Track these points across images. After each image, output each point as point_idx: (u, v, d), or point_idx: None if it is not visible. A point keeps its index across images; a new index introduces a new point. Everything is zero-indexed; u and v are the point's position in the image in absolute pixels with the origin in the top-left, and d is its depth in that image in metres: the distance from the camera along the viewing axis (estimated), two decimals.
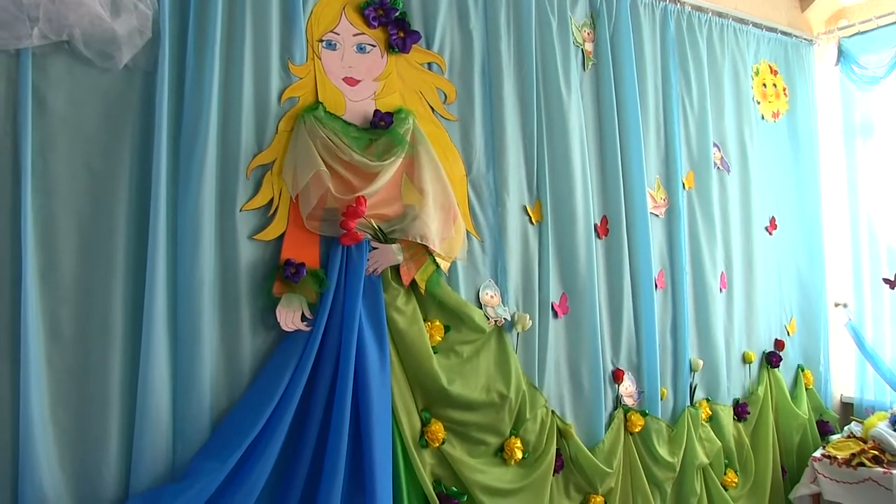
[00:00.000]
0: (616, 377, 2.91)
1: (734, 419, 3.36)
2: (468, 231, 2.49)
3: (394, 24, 2.37)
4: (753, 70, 3.68)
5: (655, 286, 3.03)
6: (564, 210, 2.75)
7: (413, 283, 2.32)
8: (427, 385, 2.33)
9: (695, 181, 3.30)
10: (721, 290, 3.37)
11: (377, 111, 2.30)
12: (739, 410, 3.38)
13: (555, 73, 2.75)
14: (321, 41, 2.26)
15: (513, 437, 2.52)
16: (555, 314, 2.72)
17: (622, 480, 2.85)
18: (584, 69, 2.93)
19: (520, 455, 2.51)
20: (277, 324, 2.07)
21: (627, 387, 2.95)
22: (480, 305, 2.50)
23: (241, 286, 2.05)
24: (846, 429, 3.51)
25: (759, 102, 3.69)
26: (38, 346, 1.75)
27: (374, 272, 2.24)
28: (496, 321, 2.52)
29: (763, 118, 3.71)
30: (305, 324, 2.09)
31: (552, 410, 2.67)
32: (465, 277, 2.48)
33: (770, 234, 3.69)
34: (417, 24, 2.44)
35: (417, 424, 2.32)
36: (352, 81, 2.30)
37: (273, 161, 2.13)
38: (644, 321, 3.01)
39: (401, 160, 2.28)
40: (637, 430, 2.89)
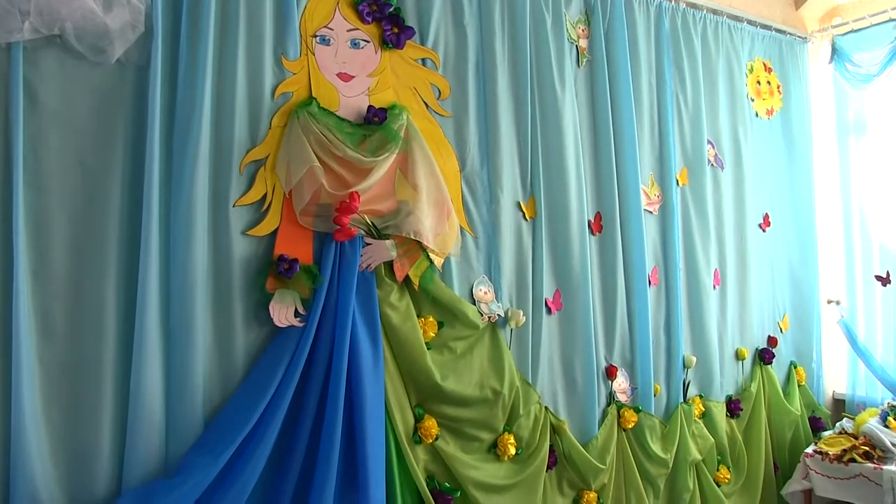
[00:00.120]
0: (609, 373, 2.91)
1: (727, 415, 3.37)
2: (462, 227, 2.49)
3: (388, 20, 2.36)
4: (748, 67, 3.68)
5: (649, 283, 3.04)
6: (558, 206, 2.75)
7: (407, 279, 2.32)
8: (420, 381, 2.33)
9: (689, 178, 3.30)
10: (714, 287, 3.37)
11: (371, 107, 2.29)
12: (732, 407, 3.39)
13: (549, 70, 2.75)
14: (315, 36, 2.25)
15: (506, 434, 2.52)
16: (548, 310, 2.72)
17: (615, 476, 2.85)
18: (579, 66, 2.92)
19: (513, 451, 2.51)
20: (270, 319, 2.06)
21: (621, 383, 2.96)
22: (474, 301, 2.51)
23: (235, 282, 2.04)
24: (838, 425, 3.52)
25: (754, 100, 3.70)
26: (30, 343, 1.74)
27: (368, 268, 2.23)
28: (490, 317, 2.52)
29: (757, 115, 3.72)
30: (299, 319, 2.09)
31: (545, 406, 2.67)
32: (459, 273, 2.49)
33: (764, 232, 3.70)
34: (411, 20, 2.44)
35: (411, 420, 2.32)
36: (346, 77, 2.29)
37: (266, 156, 2.12)
38: (638, 317, 3.01)
39: (394, 156, 2.28)
40: (630, 427, 2.90)
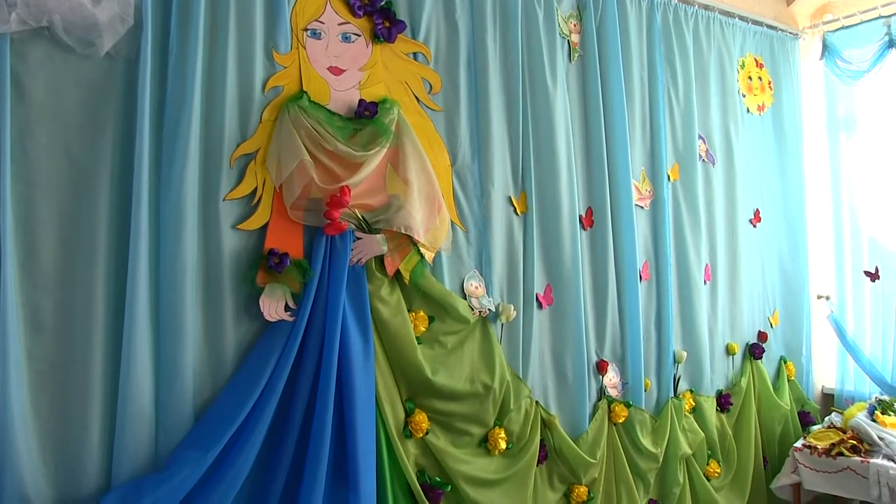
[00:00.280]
0: (600, 368, 2.92)
1: (717, 410, 3.39)
2: (453, 222, 2.49)
3: (379, 14, 2.35)
4: (739, 63, 3.69)
5: (640, 278, 3.05)
6: (549, 201, 2.75)
7: (397, 274, 2.32)
8: (411, 375, 2.33)
9: (680, 173, 3.31)
10: (705, 283, 3.39)
11: (362, 101, 2.28)
12: (722, 401, 3.41)
13: (541, 65, 2.74)
14: (306, 30, 2.24)
15: (497, 428, 2.52)
16: (539, 305, 2.73)
17: (605, 471, 2.86)
18: (570, 61, 2.92)
19: (504, 445, 2.51)
20: (261, 314, 2.05)
21: (611, 378, 2.96)
22: (465, 296, 2.50)
23: (224, 276, 2.03)
24: (826, 419, 3.55)
25: (745, 95, 3.71)
26: (18, 338, 1.73)
27: (359, 262, 2.23)
28: (480, 312, 2.52)
29: (748, 111, 3.73)
30: (289, 314, 2.08)
31: (536, 401, 2.68)
32: (450, 268, 2.48)
33: (754, 227, 3.71)
34: (403, 14, 2.43)
35: (401, 415, 2.32)
36: (336, 71, 2.28)
37: (257, 150, 2.11)
38: (628, 313, 3.02)
39: (385, 150, 2.27)
40: (621, 421, 2.91)
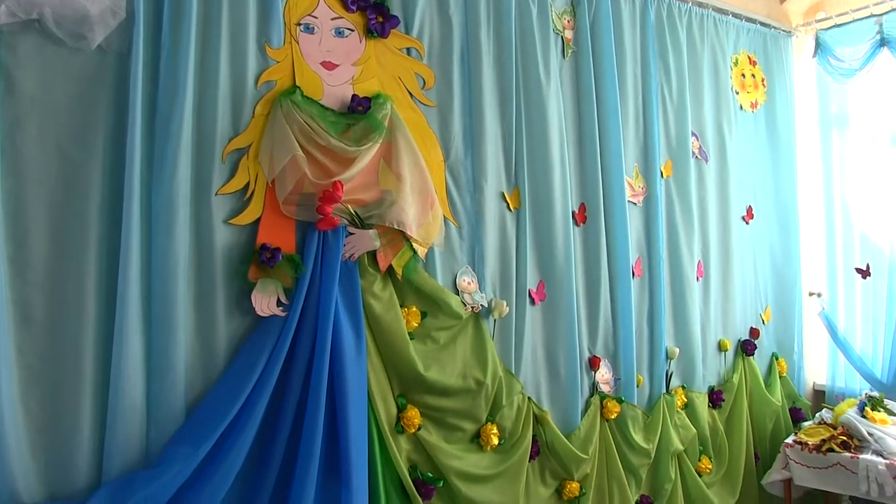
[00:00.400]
0: (592, 364, 2.93)
1: (709, 406, 3.40)
2: (446, 217, 2.49)
3: (373, 9, 2.34)
4: (732, 60, 3.69)
5: (633, 274, 3.05)
6: (542, 197, 2.75)
7: (390, 269, 2.31)
8: (403, 371, 2.32)
9: (673, 170, 3.32)
10: (698, 279, 3.39)
11: (355, 96, 2.28)
12: (714, 398, 3.42)
13: (534, 61, 2.74)
14: (299, 24, 2.23)
15: (489, 424, 2.52)
16: (532, 301, 2.73)
17: (598, 466, 2.87)
18: (564, 57, 2.92)
19: (496, 441, 2.52)
20: (253, 309, 2.05)
21: (604, 374, 2.97)
22: (457, 292, 2.50)
23: (216, 271, 2.02)
24: (817, 415, 3.56)
25: (738, 93, 3.71)
26: (8, 332, 1.72)
27: (351, 257, 2.23)
28: (473, 307, 2.52)
29: (741, 108, 3.74)
30: (281, 309, 2.08)
31: (528, 397, 2.68)
32: (443, 263, 2.48)
33: (747, 224, 3.72)
34: (396, 9, 2.42)
35: (393, 410, 2.31)
36: (330, 66, 2.28)
37: (249, 145, 2.10)
38: (621, 309, 3.02)
39: (378, 145, 2.27)
40: (613, 417, 2.92)
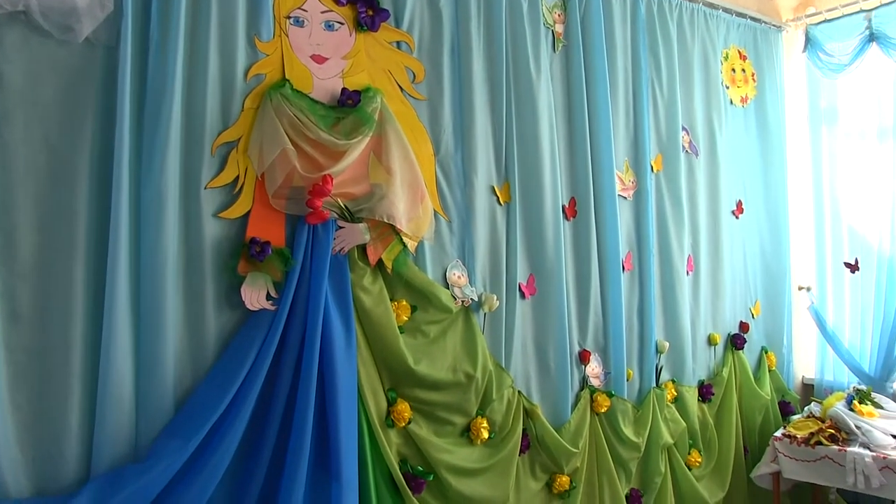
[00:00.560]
0: (583, 358, 2.93)
1: (699, 400, 3.41)
2: (436, 211, 2.49)
3: (362, 2, 2.34)
4: (723, 55, 3.70)
5: (623, 268, 3.05)
6: (532, 191, 2.75)
7: (380, 263, 2.32)
8: (393, 365, 2.33)
9: (663, 164, 3.32)
10: (688, 273, 3.40)
11: (345, 89, 2.27)
12: (704, 391, 3.43)
13: (524, 54, 2.74)
14: (289, 17, 2.22)
15: (479, 417, 2.53)
16: (522, 295, 2.73)
17: (588, 460, 2.88)
18: (555, 51, 2.92)
19: (486, 435, 2.52)
20: (242, 303, 2.05)
21: (594, 367, 2.98)
22: (447, 285, 2.51)
23: (206, 265, 2.02)
24: (806, 409, 3.58)
25: (728, 87, 3.72)
26: None
27: (341, 251, 2.22)
28: (463, 301, 2.53)
29: (731, 103, 3.74)
30: (271, 303, 2.07)
31: (518, 391, 2.68)
32: (433, 257, 2.48)
33: (737, 218, 3.73)
34: (386, 3, 2.42)
35: (383, 404, 2.32)
36: (319, 59, 2.27)
37: (239, 138, 2.10)
38: (611, 303, 3.03)
39: (368, 139, 2.26)
40: (603, 411, 2.92)
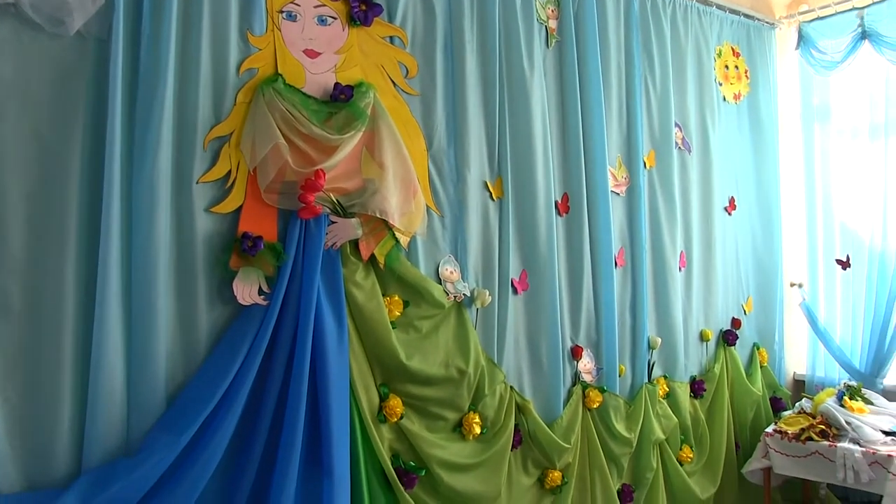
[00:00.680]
0: (575, 354, 2.94)
1: (691, 396, 3.43)
2: (428, 206, 2.49)
3: None
4: (716, 52, 3.71)
5: (615, 264, 3.06)
6: (525, 187, 2.75)
7: (372, 258, 2.31)
8: (385, 360, 2.33)
9: (656, 160, 3.33)
10: (680, 269, 3.41)
11: (337, 84, 2.27)
12: (696, 387, 3.45)
13: (518, 50, 2.74)
14: (281, 12, 2.22)
15: (471, 413, 2.53)
16: (514, 290, 2.73)
17: (580, 456, 2.88)
18: (548, 46, 2.92)
19: (478, 430, 2.52)
20: (234, 297, 2.05)
21: (586, 363, 2.99)
22: (440, 281, 2.51)
23: (198, 259, 2.02)
24: (797, 405, 3.60)
25: (721, 84, 3.73)
26: None
27: (333, 246, 2.22)
28: (455, 297, 2.53)
29: (724, 100, 3.76)
30: (263, 297, 2.07)
31: (511, 386, 2.69)
32: (425, 253, 2.48)
33: (729, 215, 3.75)
34: None
35: (376, 399, 2.32)
36: (312, 54, 2.27)
37: (231, 133, 2.09)
38: (603, 299, 3.04)
39: (361, 134, 2.26)
40: (595, 407, 2.93)
